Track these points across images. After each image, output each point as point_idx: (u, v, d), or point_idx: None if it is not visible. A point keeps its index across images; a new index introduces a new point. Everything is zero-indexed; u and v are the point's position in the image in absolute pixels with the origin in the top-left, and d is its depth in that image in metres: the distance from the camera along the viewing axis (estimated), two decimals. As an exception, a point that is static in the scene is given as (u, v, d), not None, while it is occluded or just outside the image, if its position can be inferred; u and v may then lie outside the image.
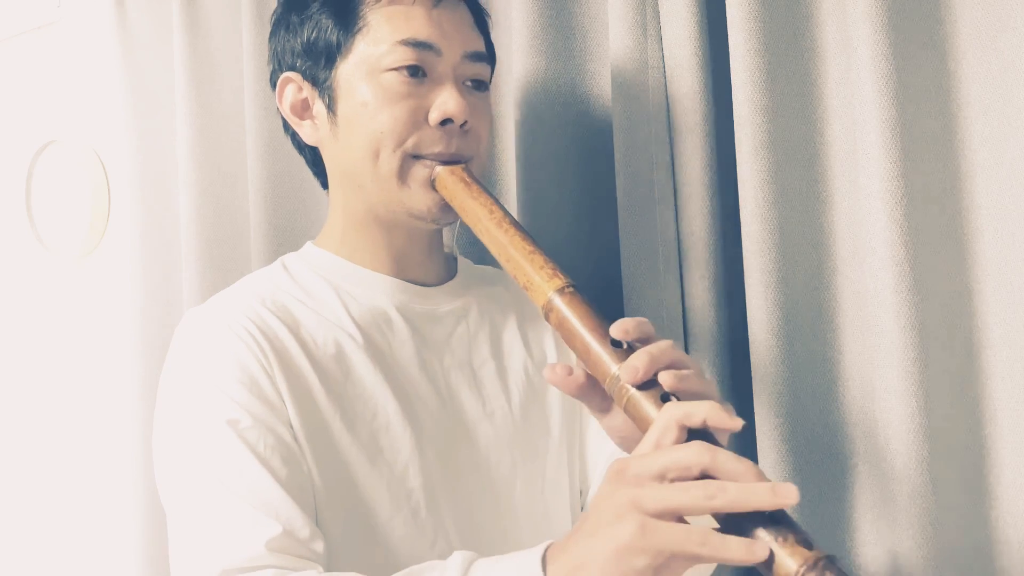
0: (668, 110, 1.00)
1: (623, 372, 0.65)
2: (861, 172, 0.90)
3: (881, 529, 0.90)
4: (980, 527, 0.90)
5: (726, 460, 0.56)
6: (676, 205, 1.00)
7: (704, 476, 0.57)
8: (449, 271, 0.94)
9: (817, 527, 0.94)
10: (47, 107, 1.60)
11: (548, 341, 0.93)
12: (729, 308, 1.00)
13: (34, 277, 1.63)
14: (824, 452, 0.94)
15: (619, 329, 0.67)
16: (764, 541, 0.55)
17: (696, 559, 0.56)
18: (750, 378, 0.95)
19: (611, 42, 1.01)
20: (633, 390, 0.64)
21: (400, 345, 0.85)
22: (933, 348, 0.88)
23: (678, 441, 0.59)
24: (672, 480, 0.57)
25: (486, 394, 0.87)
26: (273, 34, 0.91)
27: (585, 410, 0.92)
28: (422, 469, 0.81)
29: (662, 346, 0.66)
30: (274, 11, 0.92)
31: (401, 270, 0.88)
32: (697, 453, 0.57)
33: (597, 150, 1.08)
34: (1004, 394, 0.88)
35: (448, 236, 1.08)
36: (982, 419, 0.90)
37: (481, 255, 1.02)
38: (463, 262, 0.97)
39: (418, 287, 0.89)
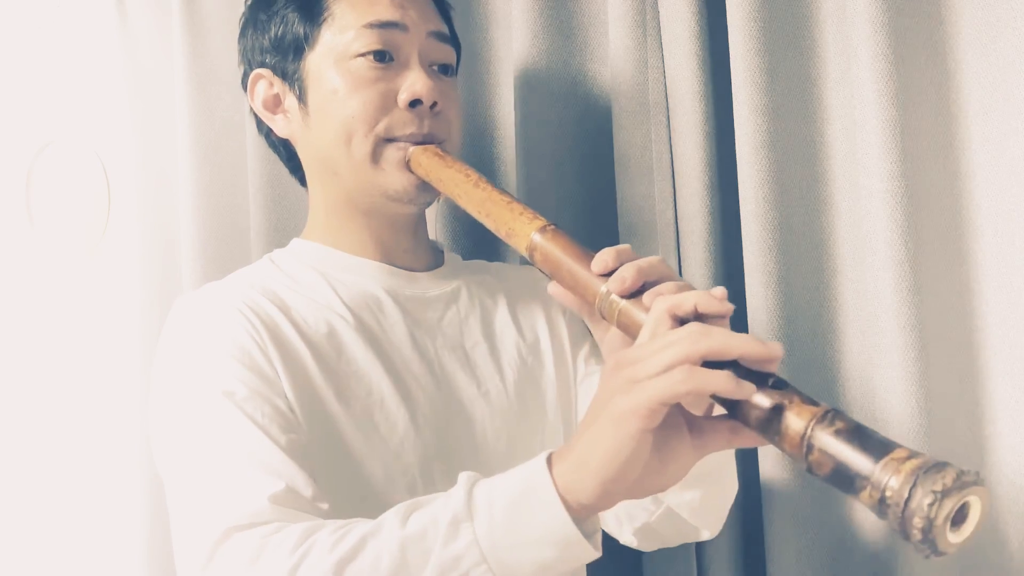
0: (668, 110, 1.00)
1: (611, 284, 0.65)
2: (861, 172, 0.90)
3: (881, 529, 0.90)
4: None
5: (721, 334, 0.56)
6: (676, 205, 1.00)
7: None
8: (436, 259, 0.94)
9: (818, 527, 0.94)
10: (47, 107, 1.60)
11: (540, 324, 0.93)
12: (729, 308, 1.00)
13: (34, 278, 1.63)
14: (824, 452, 0.94)
15: (599, 263, 0.67)
16: (766, 402, 0.55)
17: (682, 398, 0.56)
18: (750, 378, 0.94)
19: (611, 42, 1.02)
20: (623, 302, 0.64)
21: (391, 326, 0.85)
22: (933, 348, 0.88)
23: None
24: None
25: (480, 374, 0.87)
26: (242, 35, 0.93)
27: (580, 391, 0.93)
28: (418, 445, 0.81)
29: (651, 260, 0.66)
30: (242, 13, 0.93)
31: (387, 256, 0.89)
32: (690, 332, 0.57)
33: (597, 149, 1.08)
34: (1004, 394, 0.89)
35: (432, 230, 1.08)
36: (982, 419, 0.90)
37: (468, 252, 1.01)
38: (450, 254, 0.98)
39: (406, 271, 0.89)
